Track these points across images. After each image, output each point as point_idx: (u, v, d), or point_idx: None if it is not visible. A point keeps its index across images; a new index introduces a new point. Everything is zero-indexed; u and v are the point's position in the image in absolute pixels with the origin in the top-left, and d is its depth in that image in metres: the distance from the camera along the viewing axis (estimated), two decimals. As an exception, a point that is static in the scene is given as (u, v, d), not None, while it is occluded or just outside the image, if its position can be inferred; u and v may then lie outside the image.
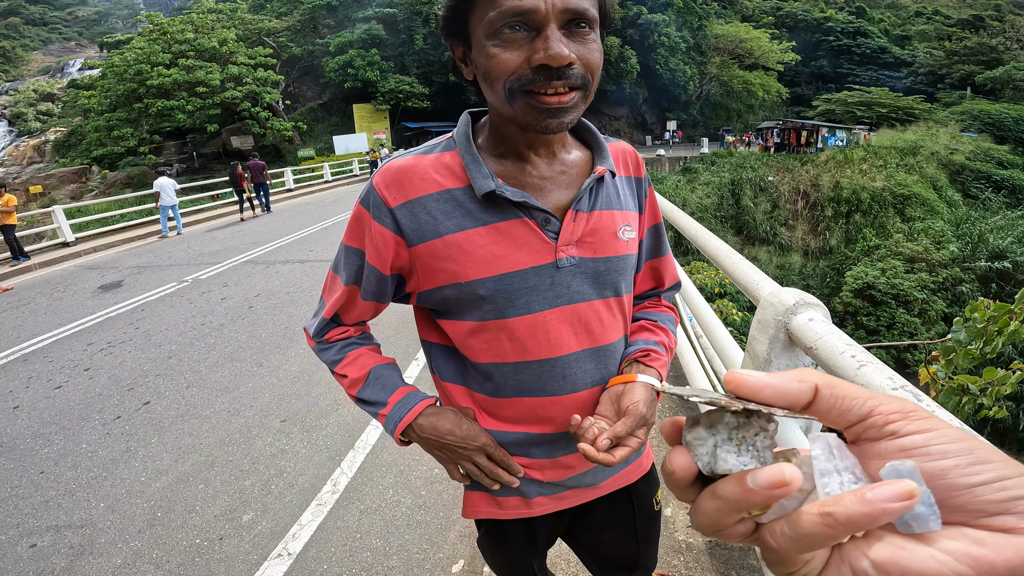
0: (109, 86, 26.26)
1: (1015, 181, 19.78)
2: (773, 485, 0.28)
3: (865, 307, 12.77)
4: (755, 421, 0.32)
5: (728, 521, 0.31)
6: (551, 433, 0.89)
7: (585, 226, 0.82)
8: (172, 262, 9.01)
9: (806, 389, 0.31)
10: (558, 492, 0.97)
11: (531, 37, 0.68)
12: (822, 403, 0.31)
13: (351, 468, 3.00)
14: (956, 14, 50.35)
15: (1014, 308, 2.25)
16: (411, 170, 0.81)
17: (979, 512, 0.27)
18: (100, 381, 4.39)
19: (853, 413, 0.31)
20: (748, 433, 0.32)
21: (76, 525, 2.72)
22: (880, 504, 0.26)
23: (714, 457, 0.32)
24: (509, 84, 0.69)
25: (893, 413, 0.30)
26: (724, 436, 0.32)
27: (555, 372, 0.85)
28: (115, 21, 73.79)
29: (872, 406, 0.30)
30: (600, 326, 0.87)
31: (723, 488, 0.31)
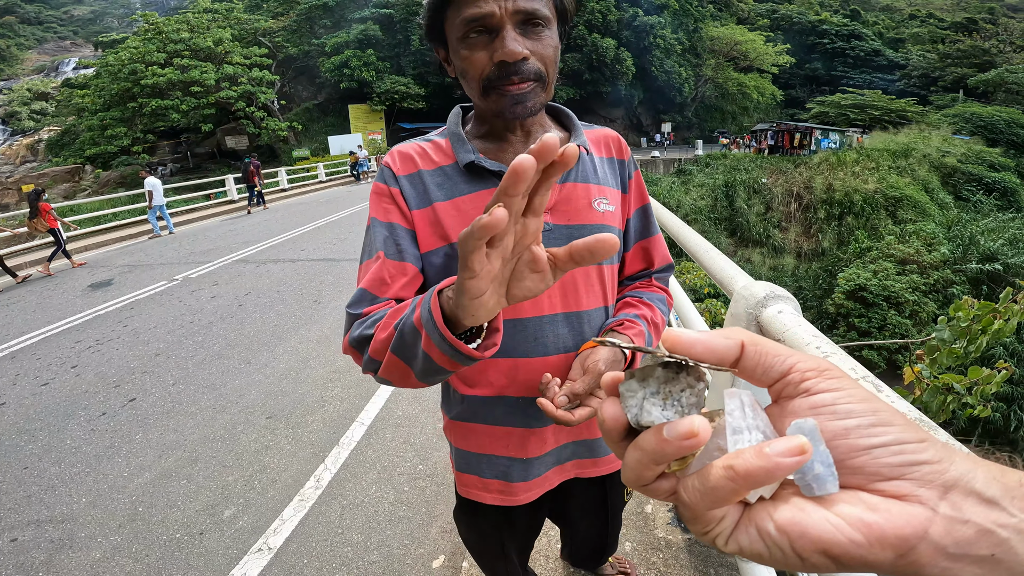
0: (103, 85, 26.16)
1: (1006, 184, 19.89)
2: (683, 436, 0.28)
3: (857, 309, 12.82)
4: (683, 377, 0.33)
5: (648, 474, 0.32)
6: (523, 397, 0.93)
7: (558, 195, 0.90)
8: (163, 261, 8.98)
9: (732, 345, 0.32)
10: (540, 473, 1.00)
11: (492, 38, 0.78)
12: (748, 359, 0.32)
13: (335, 464, 3.00)
14: (950, 17, 50.64)
15: (998, 307, 2.27)
16: (411, 151, 0.94)
17: (876, 476, 0.28)
18: (87, 378, 4.37)
19: (775, 370, 0.31)
20: (675, 388, 0.33)
21: (57, 520, 2.71)
22: (774, 458, 0.26)
23: (641, 409, 0.33)
24: (483, 82, 0.81)
25: (809, 371, 0.31)
26: (653, 389, 0.33)
27: (527, 333, 0.90)
28: (111, 20, 73.52)
29: (791, 363, 0.31)
30: (574, 291, 0.92)
31: (643, 439, 0.31)
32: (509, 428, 0.96)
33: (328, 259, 8.09)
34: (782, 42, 38.26)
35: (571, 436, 1.01)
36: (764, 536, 0.29)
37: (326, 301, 5.96)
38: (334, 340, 4.80)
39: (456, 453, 1.05)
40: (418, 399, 3.67)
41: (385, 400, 3.67)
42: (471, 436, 1.00)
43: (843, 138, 24.30)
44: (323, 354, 4.50)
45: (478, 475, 1.02)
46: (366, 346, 0.79)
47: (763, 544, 0.29)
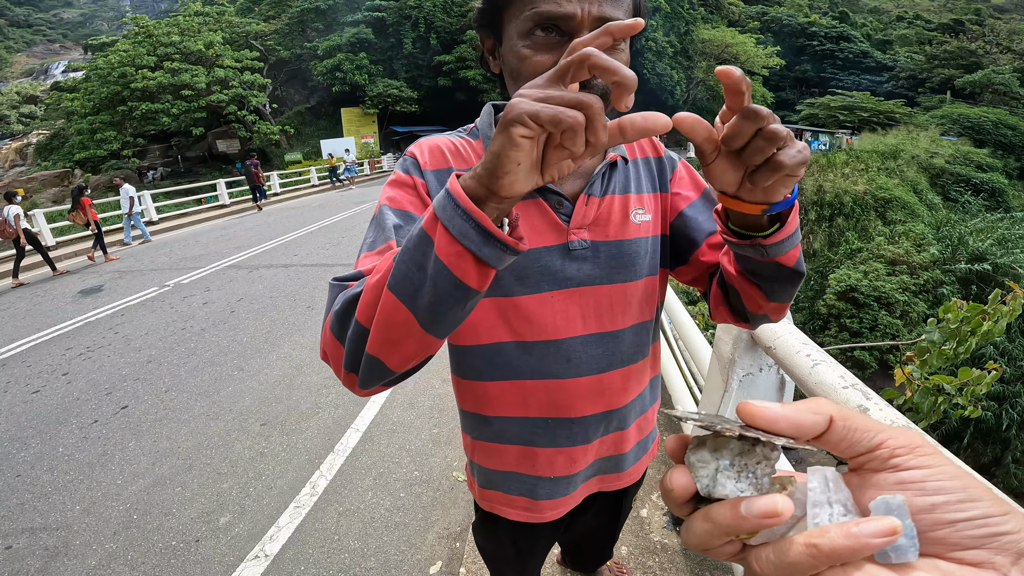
0: (93, 88, 25.94)
1: (994, 184, 20.12)
2: (765, 515, 0.29)
3: (848, 309, 12.91)
4: (759, 449, 0.33)
5: (717, 543, 0.32)
6: (554, 418, 0.89)
7: (597, 210, 0.83)
8: (154, 266, 8.92)
9: (821, 421, 0.32)
10: (568, 492, 0.96)
11: (563, 42, 0.68)
12: (834, 434, 0.32)
13: (330, 471, 3.00)
14: (937, 18, 51.16)
15: (987, 308, 2.31)
16: (442, 146, 0.84)
17: (956, 546, 0.28)
18: (78, 385, 4.34)
19: (861, 445, 0.31)
20: (751, 461, 0.33)
21: (51, 527, 2.70)
22: (863, 539, 0.27)
23: (714, 481, 0.33)
24: None
25: (900, 448, 0.31)
26: (727, 462, 0.33)
27: (559, 354, 0.85)
28: (100, 23, 73.07)
29: (882, 439, 0.31)
30: (610, 311, 0.86)
31: (716, 512, 0.31)
32: (537, 448, 0.92)
33: (322, 264, 8.07)
34: (772, 44, 38.59)
35: (600, 453, 0.97)
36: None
37: (320, 307, 5.94)
38: (328, 345, 4.78)
39: (479, 470, 1.01)
40: (413, 405, 3.68)
41: (380, 406, 3.67)
42: (496, 456, 0.95)
43: (833, 140, 24.53)
44: (317, 360, 4.49)
45: (503, 492, 0.98)
46: (352, 311, 0.60)
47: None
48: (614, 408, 0.91)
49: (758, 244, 0.64)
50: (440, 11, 32.42)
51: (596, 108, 0.43)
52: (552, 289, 0.82)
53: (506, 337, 0.85)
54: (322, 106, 34.01)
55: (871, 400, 0.98)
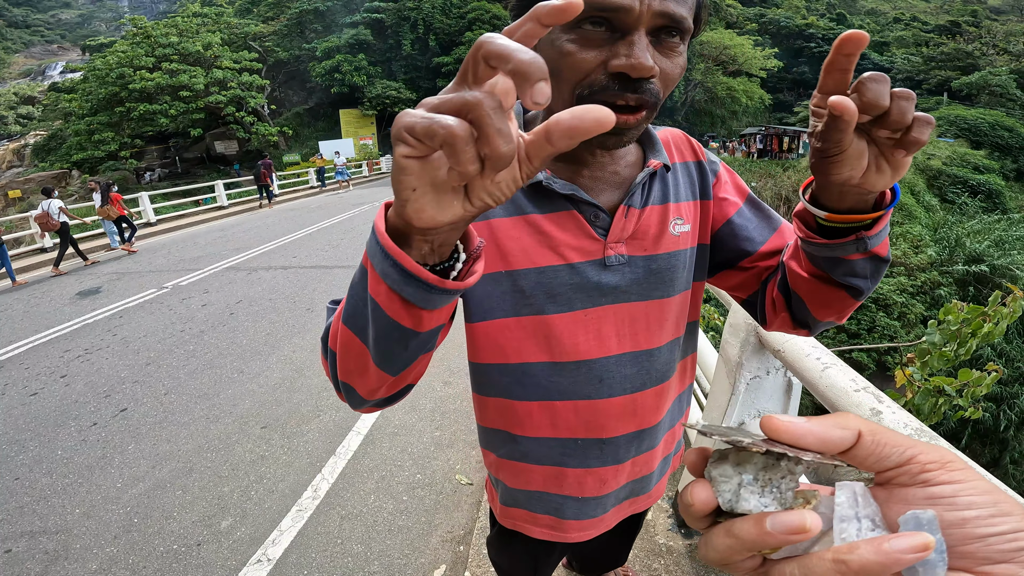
0: (90, 89, 25.92)
1: (991, 186, 20.22)
2: (792, 531, 0.28)
3: (846, 310, 12.96)
4: (784, 464, 0.32)
5: (739, 559, 0.32)
6: (584, 439, 0.84)
7: (636, 223, 0.77)
8: (152, 268, 8.90)
9: (848, 436, 0.31)
10: (596, 514, 0.92)
11: (613, 38, 0.60)
12: (862, 449, 0.32)
13: (332, 474, 2.98)
14: (934, 20, 51.31)
15: (987, 310, 2.31)
16: None
17: (986, 560, 0.28)
18: (76, 388, 4.32)
19: (891, 460, 0.31)
20: (775, 475, 0.32)
21: (51, 531, 2.68)
22: (895, 555, 0.26)
23: (736, 496, 0.32)
24: (579, 91, 0.63)
25: (931, 463, 0.31)
26: (750, 477, 0.32)
27: (592, 375, 0.80)
28: (98, 24, 73.02)
29: (912, 454, 0.31)
30: (646, 329, 0.81)
31: (740, 528, 0.31)
32: (567, 469, 0.87)
33: (321, 266, 8.06)
34: (770, 46, 38.69)
35: (632, 475, 0.92)
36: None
37: (320, 309, 5.93)
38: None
39: (503, 488, 0.96)
40: (414, 408, 3.67)
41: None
42: (523, 475, 0.90)
43: (831, 142, 24.56)
44: (317, 363, 4.47)
45: (528, 510, 0.94)
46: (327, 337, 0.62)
47: None
48: (646, 427, 0.87)
49: (862, 237, 0.61)
50: (439, 13, 32.47)
51: (482, 109, 0.32)
52: (586, 307, 0.77)
53: (536, 357, 0.80)
54: (320, 107, 34.01)
55: (883, 404, 0.98)
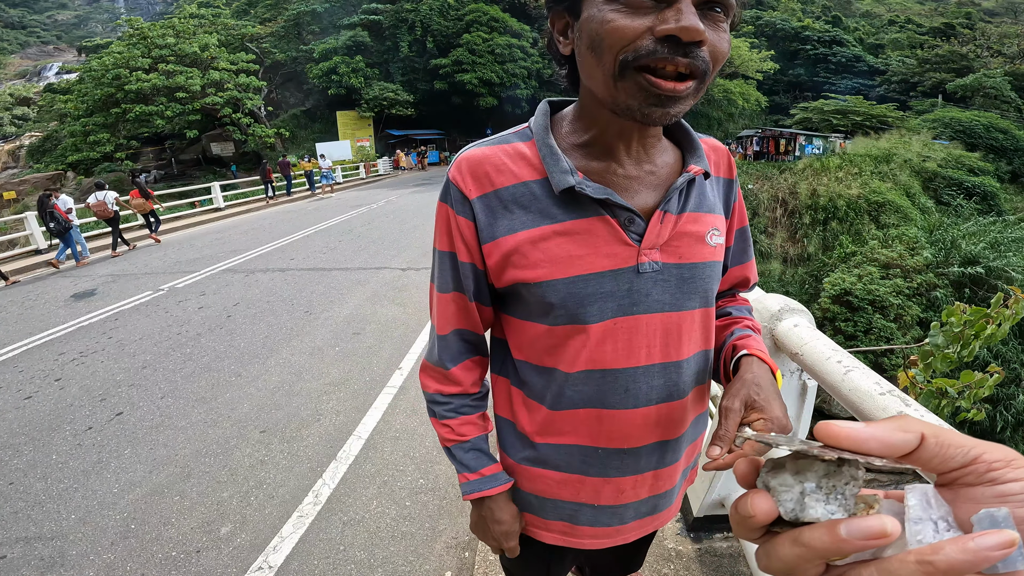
0: (86, 90, 25.79)
1: (986, 188, 20.28)
2: (871, 536, 0.28)
3: (843, 313, 12.97)
4: (847, 470, 0.32)
5: (808, 568, 0.32)
6: (604, 448, 0.82)
7: (673, 229, 0.75)
8: (148, 270, 8.83)
9: (911, 439, 0.31)
10: (611, 523, 0.89)
11: (657, 7, 0.60)
12: (926, 451, 0.32)
13: (333, 479, 2.95)
14: (928, 22, 51.58)
15: (990, 312, 2.29)
16: (487, 160, 0.76)
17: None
18: (71, 391, 4.27)
19: (956, 461, 0.31)
20: (839, 482, 0.32)
21: (46, 537, 2.64)
22: (983, 552, 0.26)
23: (800, 504, 0.32)
24: (623, 56, 0.61)
25: (997, 461, 0.31)
26: (813, 484, 0.32)
27: (617, 385, 0.78)
28: (95, 25, 72.86)
29: (976, 454, 0.31)
30: (676, 340, 0.79)
31: (810, 536, 0.31)
32: (583, 477, 0.85)
33: (318, 268, 8.01)
34: (766, 48, 38.83)
35: (653, 490, 0.89)
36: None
37: (317, 312, 5.88)
38: (327, 352, 4.74)
39: (514, 491, 0.94)
40: (416, 412, 3.63)
41: (383, 413, 3.63)
42: (538, 481, 0.89)
43: (826, 144, 24.67)
44: (316, 366, 4.44)
45: (540, 516, 0.92)
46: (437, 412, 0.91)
47: None
48: (669, 439, 0.84)
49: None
50: (437, 15, 32.45)
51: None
52: (616, 316, 0.75)
53: (562, 364, 0.79)
54: (317, 109, 33.94)
55: (911, 407, 0.95)
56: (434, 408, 0.92)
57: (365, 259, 8.45)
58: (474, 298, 0.83)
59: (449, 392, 0.90)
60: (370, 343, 4.89)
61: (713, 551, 1.94)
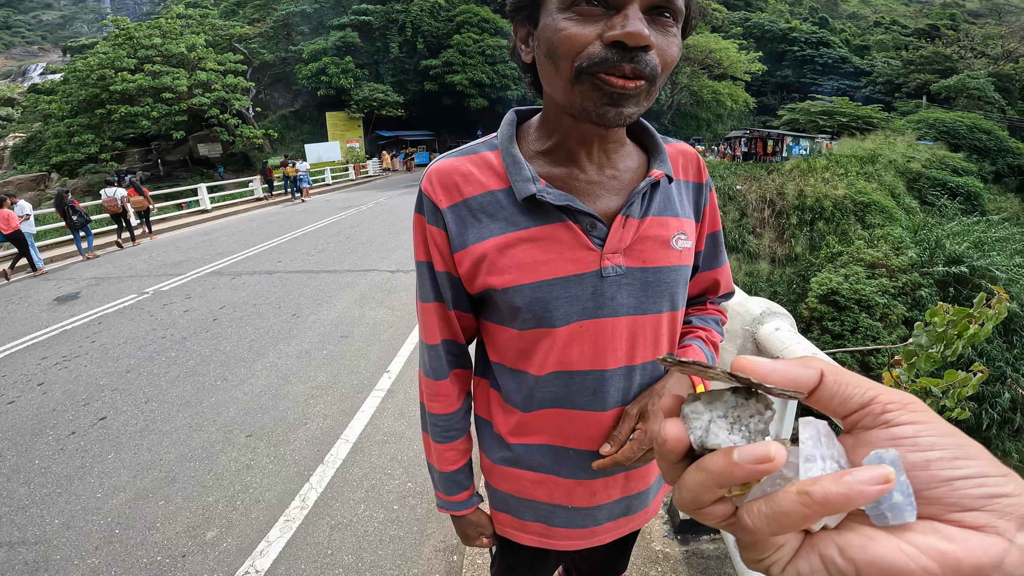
0: (71, 91, 25.45)
1: (969, 188, 20.55)
2: (758, 460, 0.28)
3: (830, 312, 13.08)
4: (752, 404, 0.33)
5: (708, 497, 0.31)
6: (575, 449, 0.84)
7: (635, 233, 0.77)
8: (132, 273, 8.73)
9: (812, 375, 0.31)
10: (586, 524, 0.91)
11: (607, 14, 0.62)
12: (826, 389, 0.31)
13: (320, 483, 2.93)
14: (913, 24, 52.22)
15: (973, 312, 2.32)
16: (456, 171, 0.78)
17: (955, 506, 0.27)
18: (54, 396, 4.21)
19: (854, 401, 0.31)
20: (744, 413, 0.33)
21: (30, 542, 2.61)
22: (857, 486, 0.26)
23: (707, 432, 0.33)
24: (578, 63, 0.63)
25: (891, 403, 0.30)
26: (720, 413, 0.33)
27: (585, 387, 0.80)
28: (80, 25, 72.04)
29: (873, 395, 0.31)
30: (643, 343, 0.80)
31: (709, 461, 0.31)
32: (556, 477, 0.88)
33: (306, 271, 7.96)
34: (754, 50, 39.12)
35: (627, 491, 0.91)
36: (828, 564, 0.28)
37: (305, 315, 5.85)
38: (315, 355, 4.71)
39: (491, 492, 0.98)
40: (404, 415, 3.62)
41: (370, 416, 3.61)
42: (514, 480, 0.91)
43: (813, 144, 24.90)
44: (303, 369, 4.41)
45: (516, 517, 0.95)
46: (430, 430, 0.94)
47: (825, 573, 0.28)
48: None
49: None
50: (427, 15, 32.38)
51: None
52: (581, 319, 0.77)
53: (532, 367, 0.81)
54: (306, 110, 33.73)
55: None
56: (426, 422, 0.95)
57: (354, 261, 8.41)
58: (453, 306, 0.85)
59: (439, 412, 0.92)
60: (358, 346, 4.87)
61: (700, 553, 1.95)
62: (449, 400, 0.91)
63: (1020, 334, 11.56)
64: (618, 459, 0.78)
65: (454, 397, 0.92)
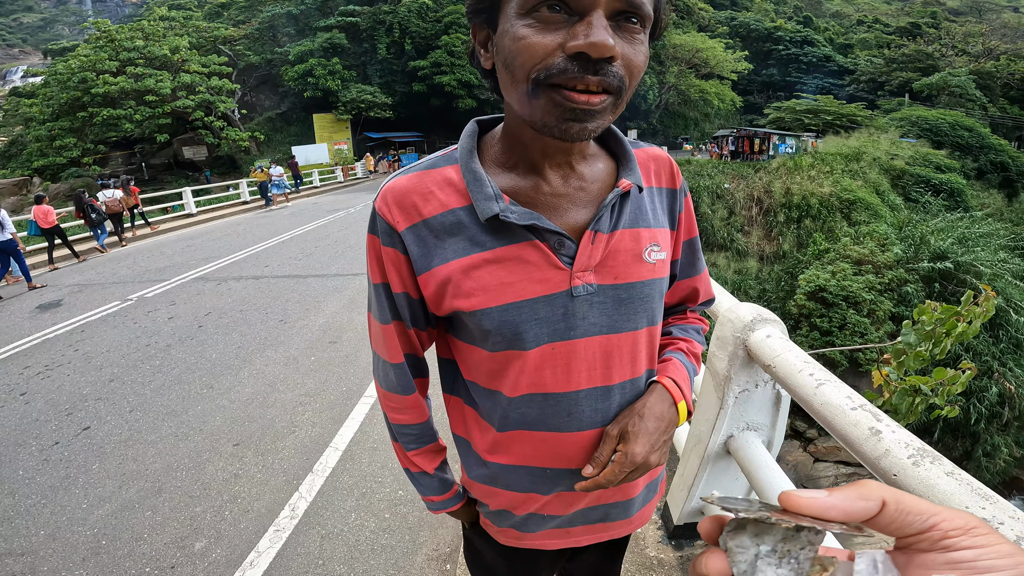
0: (52, 94, 25.10)
1: (952, 185, 20.82)
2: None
3: (818, 309, 13.21)
4: (804, 535, 0.32)
5: None
6: (552, 468, 0.82)
7: (605, 248, 0.73)
8: (116, 279, 8.60)
9: (872, 507, 0.31)
10: (560, 525, 0.90)
11: (570, 22, 0.58)
12: (885, 517, 0.31)
13: (310, 492, 2.89)
14: (895, 22, 52.83)
15: (961, 310, 2.34)
16: (414, 190, 0.74)
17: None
18: (36, 406, 4.13)
19: (914, 527, 0.31)
20: (794, 546, 0.32)
21: (16, 553, 2.56)
22: None
23: (753, 568, 0.32)
24: (535, 75, 0.59)
25: (954, 529, 0.30)
26: (768, 548, 0.32)
27: (560, 408, 0.77)
28: (61, 28, 71.07)
29: (935, 522, 0.31)
30: (619, 362, 0.77)
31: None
32: (532, 494, 0.85)
33: (294, 275, 7.89)
34: (740, 49, 39.43)
35: (604, 499, 0.88)
36: None
37: (292, 320, 5.79)
38: (302, 361, 4.66)
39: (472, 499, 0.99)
40: (394, 419, 3.58)
41: (360, 424, 3.57)
42: (490, 497, 0.89)
43: (799, 143, 25.10)
44: (291, 376, 4.36)
45: (492, 522, 0.94)
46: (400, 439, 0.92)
47: None
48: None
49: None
50: (415, 16, 32.27)
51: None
52: (553, 341, 0.74)
53: (505, 388, 0.78)
54: (293, 112, 33.48)
55: (882, 422, 0.95)
56: (395, 433, 0.93)
57: (342, 265, 8.34)
58: (412, 325, 0.82)
59: (410, 422, 0.90)
60: (347, 352, 4.82)
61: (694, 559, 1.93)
62: (419, 410, 0.90)
63: (1006, 328, 11.72)
64: (599, 481, 0.75)
65: (423, 407, 0.91)
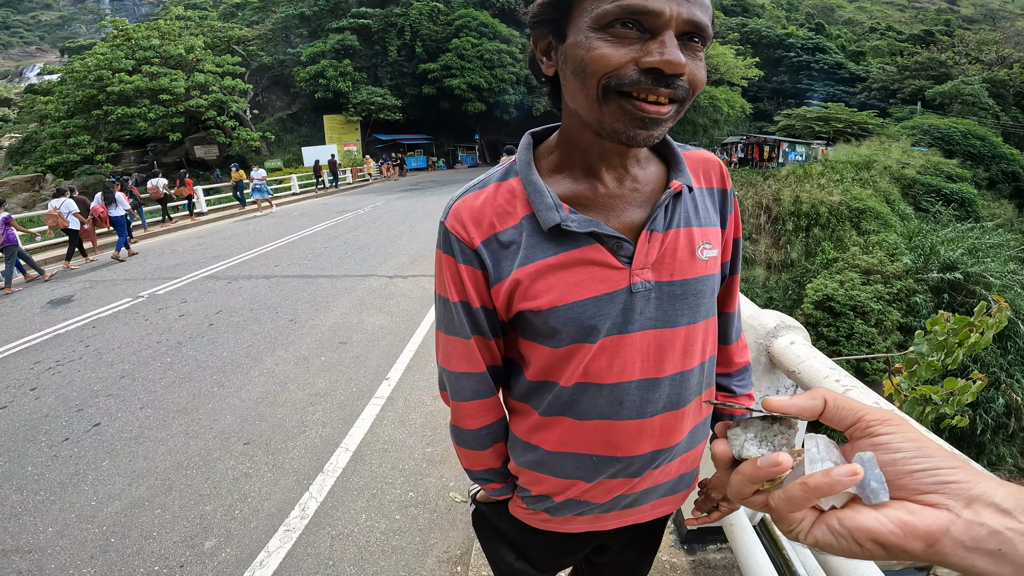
0: (67, 92, 25.39)
1: (963, 194, 20.65)
2: (772, 464, 0.46)
3: (825, 318, 13.12)
4: (777, 427, 0.50)
5: (747, 491, 0.48)
6: (599, 456, 0.85)
7: (660, 247, 0.78)
8: (127, 276, 8.66)
9: (817, 404, 0.47)
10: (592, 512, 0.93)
11: (644, 39, 0.63)
12: (829, 412, 0.47)
13: (320, 492, 2.89)
14: (908, 29, 52.54)
15: (973, 321, 2.32)
16: (487, 206, 0.79)
17: (916, 491, 0.40)
18: (47, 401, 4.16)
19: (848, 419, 0.45)
20: (769, 434, 0.50)
21: (24, 550, 2.57)
22: (835, 477, 0.41)
23: (742, 447, 0.50)
24: (605, 82, 0.64)
25: (873, 420, 0.44)
26: (752, 435, 0.51)
27: (613, 398, 0.81)
28: (79, 26, 71.91)
29: (862, 414, 0.45)
30: (671, 355, 0.81)
31: (743, 467, 0.49)
32: (576, 481, 0.88)
33: (304, 275, 7.92)
34: (751, 55, 39.31)
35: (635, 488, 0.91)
36: (832, 530, 0.42)
37: (303, 320, 5.81)
38: (313, 361, 4.67)
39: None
40: (404, 423, 3.59)
41: (370, 424, 3.57)
42: (536, 483, 0.92)
43: (809, 151, 24.99)
44: (301, 376, 4.37)
45: (528, 507, 0.96)
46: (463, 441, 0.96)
47: (832, 536, 0.42)
48: (663, 448, 0.86)
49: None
50: (426, 19, 32.44)
51: None
52: (611, 335, 0.78)
53: (560, 379, 0.82)
54: (304, 113, 33.69)
55: (910, 422, 0.94)
56: (468, 439, 0.95)
57: (351, 266, 8.37)
58: (492, 336, 0.87)
59: (491, 421, 0.94)
60: (356, 352, 4.83)
61: (707, 563, 1.93)
62: (500, 408, 0.94)
63: (1014, 340, 11.60)
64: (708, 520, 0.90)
65: (502, 405, 0.95)
